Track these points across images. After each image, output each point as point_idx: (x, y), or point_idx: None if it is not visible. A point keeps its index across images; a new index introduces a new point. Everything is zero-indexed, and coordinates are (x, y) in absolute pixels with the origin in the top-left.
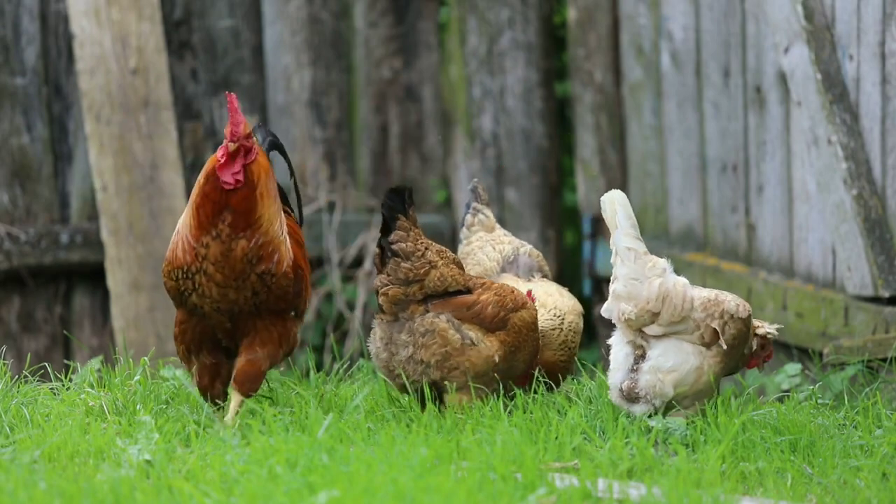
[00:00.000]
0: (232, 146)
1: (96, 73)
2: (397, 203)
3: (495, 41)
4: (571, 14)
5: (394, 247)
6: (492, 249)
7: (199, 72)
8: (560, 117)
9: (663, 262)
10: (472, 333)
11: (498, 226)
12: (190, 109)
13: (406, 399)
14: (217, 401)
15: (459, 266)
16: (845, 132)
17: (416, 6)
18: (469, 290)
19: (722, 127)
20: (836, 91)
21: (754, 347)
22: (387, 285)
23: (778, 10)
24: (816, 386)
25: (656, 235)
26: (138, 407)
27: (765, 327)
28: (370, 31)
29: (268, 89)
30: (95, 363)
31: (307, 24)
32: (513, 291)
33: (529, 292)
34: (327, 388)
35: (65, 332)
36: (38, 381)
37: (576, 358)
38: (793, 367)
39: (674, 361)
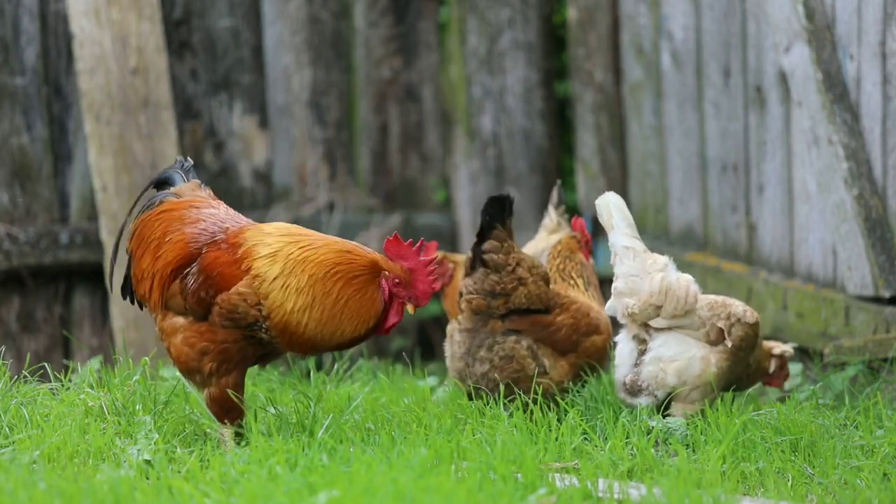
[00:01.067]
0: (411, 310)
1: (96, 73)
2: (497, 212)
3: (495, 41)
4: (572, 14)
5: (485, 256)
6: (534, 247)
7: (199, 72)
8: (560, 117)
9: (664, 259)
10: (546, 360)
11: (564, 227)
12: (190, 109)
13: (407, 401)
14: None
15: (546, 281)
16: (846, 132)
17: (416, 6)
18: (549, 310)
19: (722, 127)
20: (837, 91)
21: (772, 368)
22: (471, 293)
23: (778, 9)
24: (817, 386)
25: (656, 235)
26: (138, 407)
27: (780, 347)
28: (370, 31)
29: (268, 89)
30: (95, 363)
31: (307, 23)
32: (588, 314)
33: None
34: (327, 388)
35: (64, 332)
36: (37, 381)
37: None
38: (793, 367)
39: (675, 350)
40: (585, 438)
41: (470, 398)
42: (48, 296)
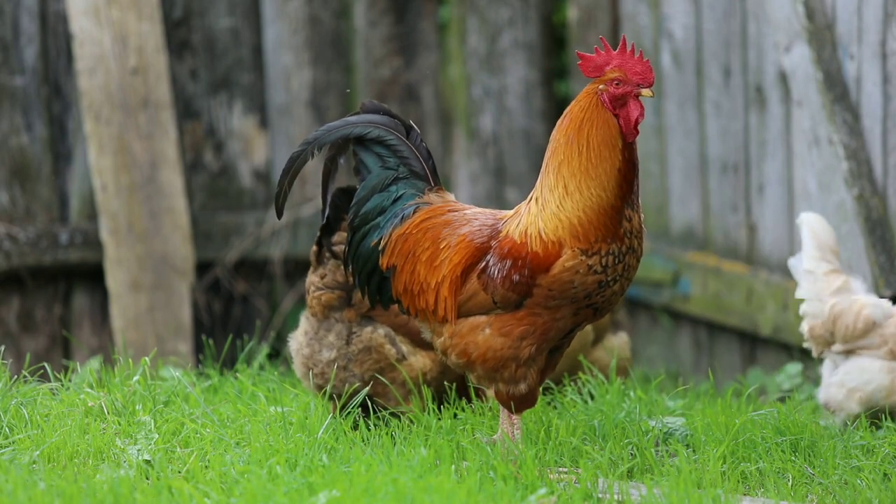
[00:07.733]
0: (648, 93)
1: (96, 72)
2: (345, 203)
3: (495, 41)
4: (572, 13)
5: (334, 248)
6: None
7: (198, 71)
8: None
9: (840, 279)
10: (405, 347)
11: None
12: (189, 109)
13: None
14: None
15: None
16: (846, 132)
17: (416, 6)
18: None
19: (723, 126)
20: (837, 91)
21: None
22: (321, 289)
23: (779, 9)
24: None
25: (657, 236)
26: (138, 407)
27: None
28: (370, 31)
29: (268, 89)
30: (95, 363)
31: (307, 23)
32: None
33: None
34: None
35: (64, 332)
36: (37, 381)
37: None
38: (793, 367)
39: (858, 381)
40: (585, 439)
41: (320, 391)
42: (48, 296)
